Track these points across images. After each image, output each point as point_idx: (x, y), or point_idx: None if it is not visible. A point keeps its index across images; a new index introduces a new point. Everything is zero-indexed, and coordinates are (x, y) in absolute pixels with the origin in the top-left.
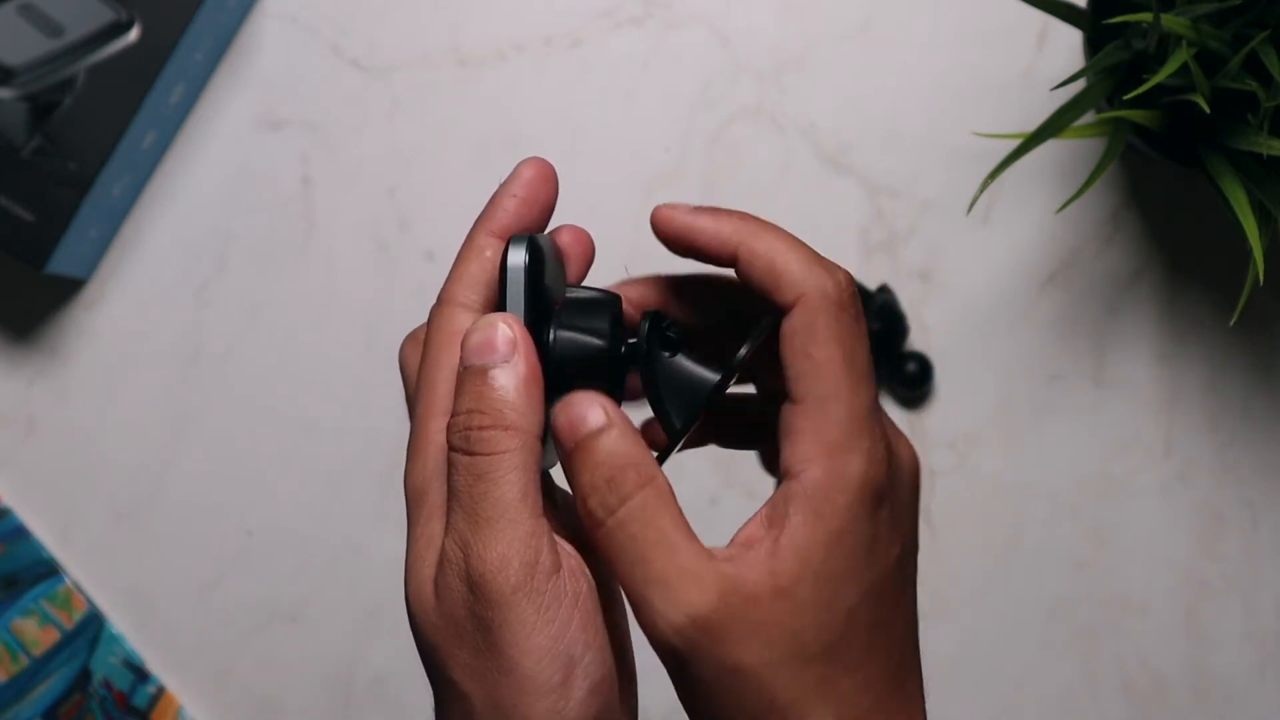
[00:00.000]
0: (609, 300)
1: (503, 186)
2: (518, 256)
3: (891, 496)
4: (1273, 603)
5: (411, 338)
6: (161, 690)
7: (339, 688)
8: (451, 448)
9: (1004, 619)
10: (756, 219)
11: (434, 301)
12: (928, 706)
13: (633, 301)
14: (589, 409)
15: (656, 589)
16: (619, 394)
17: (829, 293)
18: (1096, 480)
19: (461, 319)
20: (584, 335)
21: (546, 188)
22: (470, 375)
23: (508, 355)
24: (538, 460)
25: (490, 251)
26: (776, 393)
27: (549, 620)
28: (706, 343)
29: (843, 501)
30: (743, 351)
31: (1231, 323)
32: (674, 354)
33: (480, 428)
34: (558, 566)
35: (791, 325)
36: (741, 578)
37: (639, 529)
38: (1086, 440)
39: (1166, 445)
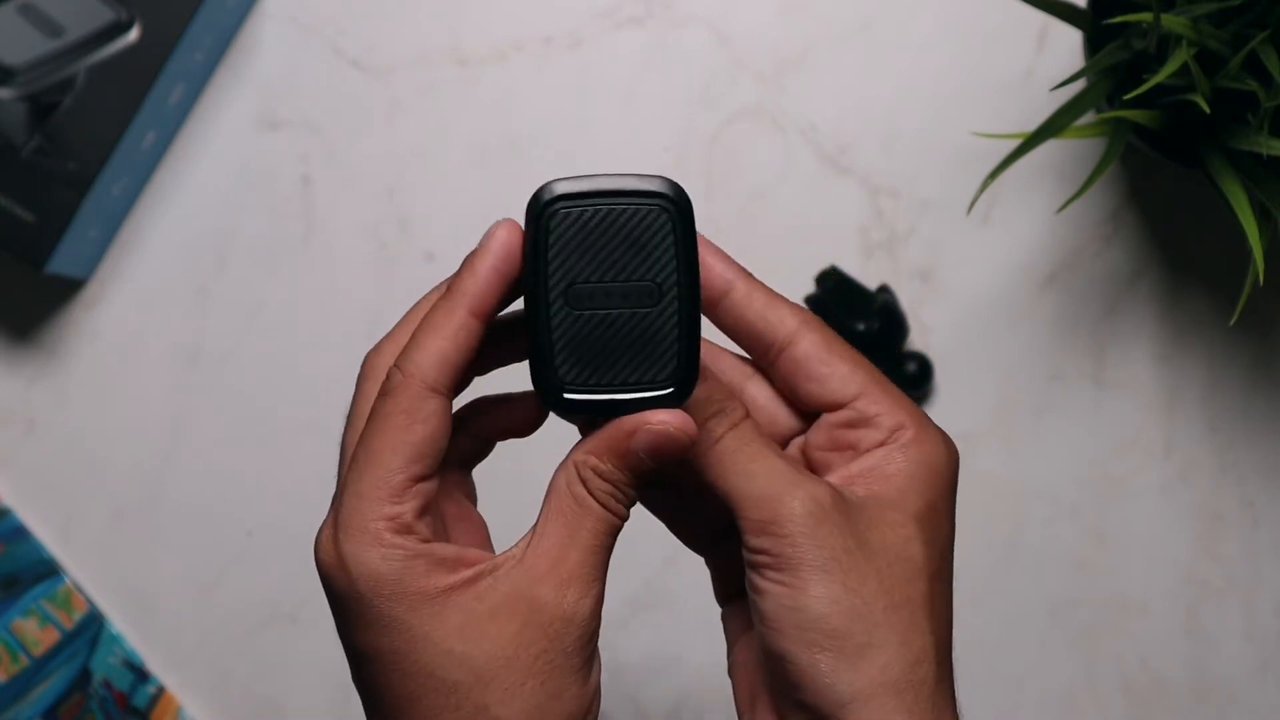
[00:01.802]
0: None
1: (480, 256)
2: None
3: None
4: (1273, 603)
5: (379, 351)
6: (161, 690)
7: (339, 688)
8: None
9: (1004, 619)
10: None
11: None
12: None
13: None
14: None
15: (780, 474)
16: None
17: (819, 322)
18: (1096, 480)
19: (429, 406)
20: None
21: (517, 253)
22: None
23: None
24: None
25: (472, 337)
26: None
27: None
28: None
29: (943, 473)
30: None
31: (1231, 323)
32: None
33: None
34: None
35: (802, 350)
36: (852, 490)
37: (756, 434)
38: (1086, 440)
39: (1166, 445)
